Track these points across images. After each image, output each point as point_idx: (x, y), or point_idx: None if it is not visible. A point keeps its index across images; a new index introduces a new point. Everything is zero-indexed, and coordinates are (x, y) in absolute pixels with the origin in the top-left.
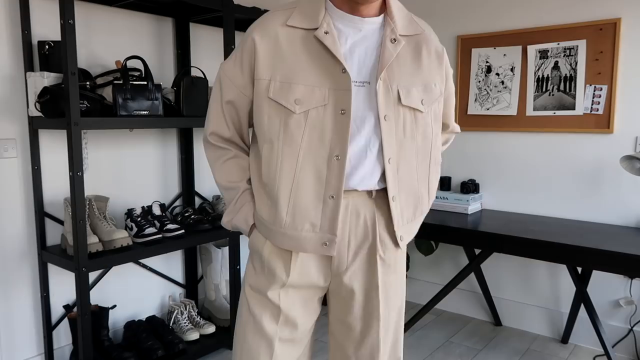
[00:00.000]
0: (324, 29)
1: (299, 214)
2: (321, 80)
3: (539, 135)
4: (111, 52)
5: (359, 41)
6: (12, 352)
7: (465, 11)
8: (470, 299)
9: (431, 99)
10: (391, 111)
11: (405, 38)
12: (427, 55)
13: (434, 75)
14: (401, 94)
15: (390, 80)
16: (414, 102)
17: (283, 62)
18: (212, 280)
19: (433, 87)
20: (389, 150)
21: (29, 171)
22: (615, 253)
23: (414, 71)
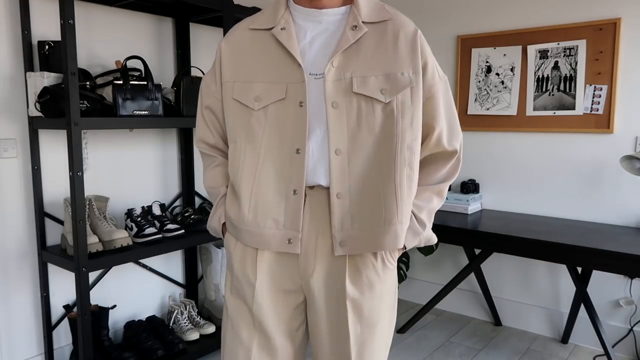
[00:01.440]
0: (281, 26)
1: (262, 211)
2: (279, 76)
3: (539, 135)
4: (111, 52)
5: (319, 33)
6: (12, 352)
7: (465, 11)
8: (470, 299)
9: (396, 89)
10: (341, 99)
11: (370, 25)
12: (394, 41)
13: (402, 63)
14: (354, 82)
15: (345, 67)
16: (370, 90)
17: (244, 64)
18: (212, 280)
19: (399, 75)
20: (335, 141)
21: (29, 171)
22: (615, 253)
23: (376, 58)
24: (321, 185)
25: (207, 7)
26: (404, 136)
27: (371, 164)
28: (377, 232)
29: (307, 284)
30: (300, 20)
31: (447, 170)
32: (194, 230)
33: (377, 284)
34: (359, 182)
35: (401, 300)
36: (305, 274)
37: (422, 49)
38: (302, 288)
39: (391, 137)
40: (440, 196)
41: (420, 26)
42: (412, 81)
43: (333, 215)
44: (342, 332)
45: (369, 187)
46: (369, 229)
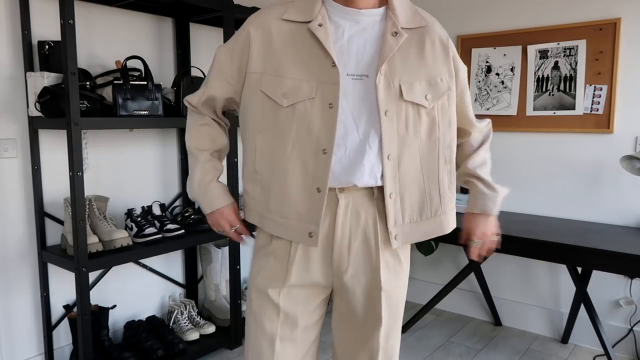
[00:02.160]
0: (318, 22)
1: (287, 203)
2: (310, 74)
3: (539, 135)
4: (111, 52)
5: (357, 33)
6: (12, 352)
7: (465, 11)
8: (470, 299)
9: (437, 94)
10: (392, 106)
11: (408, 31)
12: (431, 48)
13: (440, 69)
14: (403, 89)
15: (392, 74)
16: (417, 97)
17: (274, 56)
18: (212, 280)
19: (439, 81)
20: (388, 147)
21: (29, 171)
22: (615, 253)
23: (417, 65)
24: (356, 186)
25: (207, 7)
26: (445, 137)
27: (417, 165)
28: (425, 224)
29: (340, 280)
30: (337, 18)
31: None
32: (194, 230)
33: (401, 273)
34: (407, 182)
35: None
36: (339, 270)
37: (454, 53)
38: (333, 284)
39: (434, 139)
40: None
41: None
42: (450, 86)
43: (388, 214)
44: (374, 323)
45: (416, 186)
46: (416, 222)
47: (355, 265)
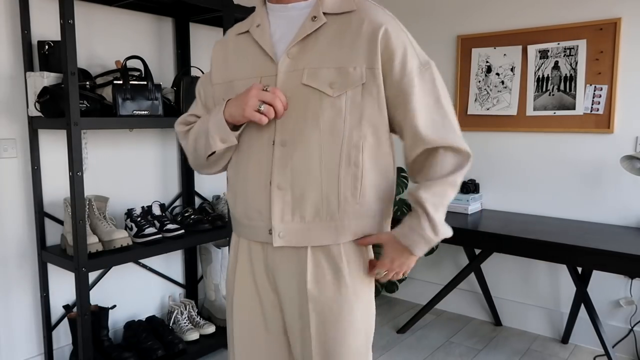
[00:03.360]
0: (257, 23)
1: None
2: (255, 71)
3: (539, 135)
4: (111, 52)
5: (286, 28)
6: (12, 352)
7: (465, 11)
8: (470, 299)
9: (345, 84)
10: (291, 90)
11: (331, 16)
12: (353, 34)
13: (355, 57)
14: (305, 73)
15: (300, 58)
16: (319, 83)
17: (228, 67)
18: (212, 280)
19: (350, 70)
20: (281, 131)
21: (29, 171)
22: (615, 253)
23: (331, 50)
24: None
25: (207, 7)
26: (352, 135)
27: (314, 158)
28: (318, 227)
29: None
30: (273, 18)
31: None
32: (194, 230)
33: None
34: (303, 175)
35: (401, 300)
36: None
37: (386, 43)
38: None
39: (336, 133)
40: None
41: (420, 26)
42: (364, 77)
43: (273, 207)
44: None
45: (312, 180)
46: (310, 223)
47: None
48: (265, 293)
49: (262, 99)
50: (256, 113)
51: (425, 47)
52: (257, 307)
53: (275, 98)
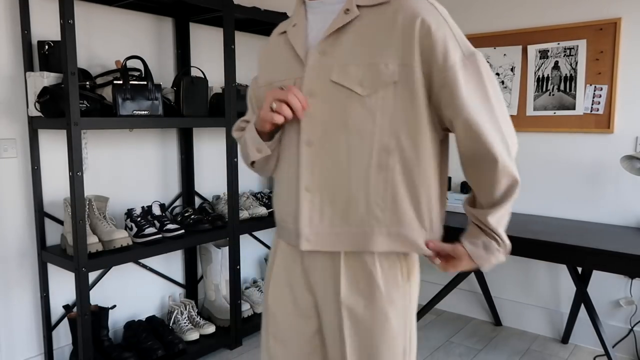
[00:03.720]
0: (293, 23)
1: (281, 206)
2: (291, 72)
3: (539, 135)
4: (111, 52)
5: (320, 24)
6: (12, 352)
7: (465, 11)
8: (470, 299)
9: (377, 83)
10: (320, 87)
11: (365, 9)
12: (388, 27)
13: (389, 53)
14: (334, 69)
15: (330, 53)
16: (349, 80)
17: (270, 67)
18: (212, 280)
19: (382, 68)
20: (307, 131)
21: (29, 171)
22: (615, 253)
23: (362, 45)
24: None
25: (207, 7)
26: (382, 136)
27: (342, 160)
28: (346, 232)
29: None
30: (311, 15)
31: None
32: (194, 230)
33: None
34: (331, 178)
35: None
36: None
37: (424, 35)
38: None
39: (366, 135)
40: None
41: None
42: (396, 75)
43: (301, 209)
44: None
45: (339, 183)
46: (338, 227)
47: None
48: (300, 293)
49: (276, 97)
50: (269, 112)
51: None
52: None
53: (288, 94)
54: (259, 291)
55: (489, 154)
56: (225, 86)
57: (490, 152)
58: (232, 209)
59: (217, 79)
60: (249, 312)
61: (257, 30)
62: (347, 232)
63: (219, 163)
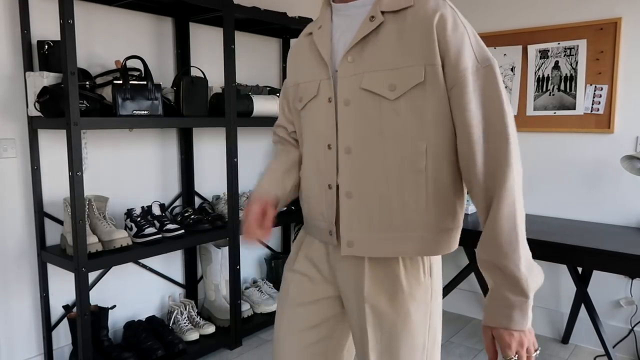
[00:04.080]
0: (319, 25)
1: (312, 204)
2: (315, 74)
3: (539, 135)
4: (111, 51)
5: (346, 28)
6: (12, 352)
7: (465, 11)
8: (470, 299)
9: (405, 85)
10: (353, 95)
11: (390, 14)
12: (410, 30)
13: (414, 55)
14: (364, 77)
15: (359, 61)
16: (378, 86)
17: (297, 68)
18: (212, 280)
19: (409, 69)
20: (344, 139)
21: (29, 171)
22: (615, 253)
23: (389, 51)
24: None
25: (207, 7)
26: (414, 138)
27: (379, 165)
28: (384, 237)
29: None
30: (336, 17)
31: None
32: (194, 230)
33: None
34: (369, 184)
35: None
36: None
37: (441, 30)
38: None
39: (399, 138)
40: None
41: None
42: (422, 76)
43: (341, 214)
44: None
45: (378, 189)
46: (377, 233)
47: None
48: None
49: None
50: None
51: None
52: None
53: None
54: (259, 291)
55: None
56: (225, 86)
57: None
58: (232, 209)
59: (217, 79)
60: (249, 312)
61: (257, 30)
62: (386, 237)
63: (219, 163)
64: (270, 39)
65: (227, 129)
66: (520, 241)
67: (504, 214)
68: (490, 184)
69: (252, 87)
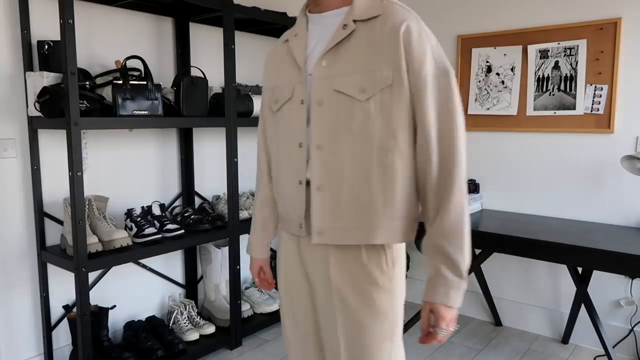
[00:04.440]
0: (295, 33)
1: (284, 200)
2: (290, 78)
3: (539, 135)
4: (111, 51)
5: (321, 35)
6: (12, 353)
7: (465, 11)
8: (470, 299)
9: (374, 87)
10: (326, 97)
11: (361, 23)
12: (379, 37)
13: (382, 60)
14: (337, 80)
15: (333, 65)
16: (350, 88)
17: (273, 72)
18: (212, 280)
19: (378, 73)
20: (317, 136)
21: (29, 171)
22: (615, 253)
23: (360, 56)
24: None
25: (207, 7)
26: (381, 136)
27: (349, 160)
28: (352, 227)
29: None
30: (312, 25)
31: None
32: (194, 230)
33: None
34: (339, 177)
35: None
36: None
37: (407, 38)
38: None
39: (368, 136)
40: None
41: None
42: (390, 79)
43: (313, 206)
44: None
45: (347, 182)
46: (346, 223)
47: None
48: (300, 277)
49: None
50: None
51: None
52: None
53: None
54: (259, 291)
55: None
56: (225, 86)
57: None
58: (232, 209)
59: (217, 79)
60: (249, 312)
61: (257, 30)
62: (353, 227)
63: (219, 163)
64: (270, 39)
65: (227, 129)
66: (465, 229)
67: (454, 206)
68: (442, 178)
69: (252, 87)
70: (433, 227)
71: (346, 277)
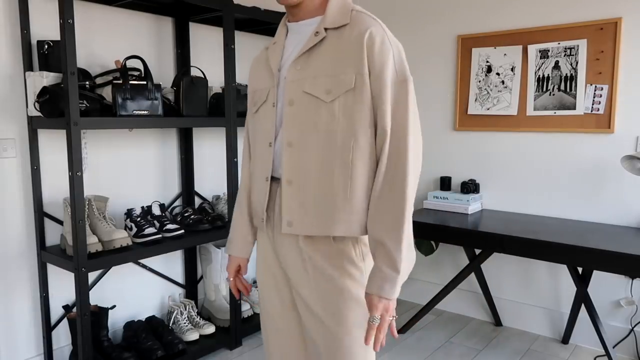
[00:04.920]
0: (274, 41)
1: (254, 196)
2: (266, 82)
3: (539, 135)
4: (111, 51)
5: (297, 43)
6: (12, 353)
7: (465, 11)
8: (470, 299)
9: (338, 90)
10: (297, 97)
11: (331, 30)
12: (345, 43)
13: (347, 64)
14: (306, 82)
15: (304, 68)
16: (317, 90)
17: (255, 77)
18: (212, 280)
19: (342, 77)
20: (288, 134)
21: (28, 171)
22: (615, 253)
23: (328, 61)
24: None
25: (207, 7)
26: (344, 136)
27: (315, 157)
28: (317, 219)
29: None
30: (290, 33)
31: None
32: (194, 230)
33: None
34: (306, 173)
35: (401, 300)
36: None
37: (370, 49)
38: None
39: (332, 136)
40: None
41: (420, 26)
42: (353, 83)
43: (283, 198)
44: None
45: (313, 177)
46: (313, 214)
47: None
48: (276, 270)
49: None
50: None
51: (425, 47)
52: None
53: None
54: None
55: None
56: (225, 86)
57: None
58: (232, 209)
59: (217, 78)
60: (249, 312)
61: (257, 30)
62: (319, 219)
63: (219, 163)
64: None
65: (227, 129)
66: (405, 226)
67: (395, 202)
68: (390, 174)
69: None
70: (375, 223)
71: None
